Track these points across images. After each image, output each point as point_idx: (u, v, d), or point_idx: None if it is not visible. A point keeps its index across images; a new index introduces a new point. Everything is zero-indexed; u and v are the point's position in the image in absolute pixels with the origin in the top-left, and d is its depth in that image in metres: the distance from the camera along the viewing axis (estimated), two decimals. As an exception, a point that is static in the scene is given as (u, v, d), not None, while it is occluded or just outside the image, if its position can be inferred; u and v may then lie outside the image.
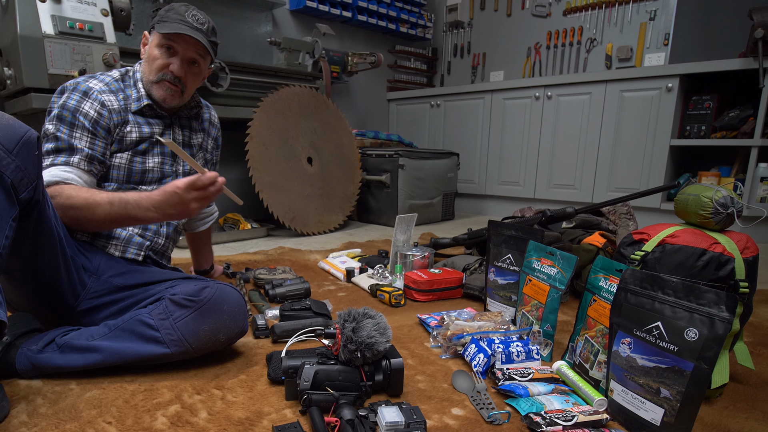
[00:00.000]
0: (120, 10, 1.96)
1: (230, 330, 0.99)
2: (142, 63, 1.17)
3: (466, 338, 1.08)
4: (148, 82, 1.15)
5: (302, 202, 2.56)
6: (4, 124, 0.79)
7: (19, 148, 0.79)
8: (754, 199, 2.53)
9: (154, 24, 1.12)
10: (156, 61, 1.13)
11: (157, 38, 1.13)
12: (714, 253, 0.91)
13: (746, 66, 2.46)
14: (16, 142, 0.79)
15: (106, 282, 1.04)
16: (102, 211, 1.00)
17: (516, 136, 3.37)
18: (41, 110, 1.86)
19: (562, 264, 1.09)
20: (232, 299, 1.00)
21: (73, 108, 1.08)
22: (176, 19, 1.11)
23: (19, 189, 0.80)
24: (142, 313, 0.95)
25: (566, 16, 3.51)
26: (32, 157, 0.82)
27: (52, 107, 1.09)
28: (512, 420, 0.83)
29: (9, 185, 0.78)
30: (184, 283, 1.00)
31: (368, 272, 1.71)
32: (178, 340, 0.93)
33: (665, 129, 2.72)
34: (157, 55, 1.12)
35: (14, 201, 0.79)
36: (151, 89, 1.15)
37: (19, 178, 0.79)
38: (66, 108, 1.08)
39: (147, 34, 1.16)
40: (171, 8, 1.13)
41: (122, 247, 1.12)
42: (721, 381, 0.89)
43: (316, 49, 2.95)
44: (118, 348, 0.93)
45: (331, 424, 0.76)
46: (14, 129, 0.80)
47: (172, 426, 0.79)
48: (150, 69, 1.14)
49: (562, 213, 1.64)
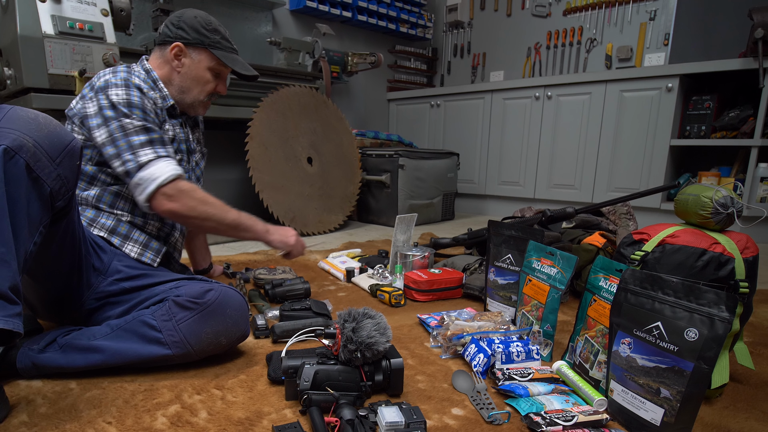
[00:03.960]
0: (120, 10, 1.96)
1: (232, 334, 0.99)
2: (179, 75, 1.19)
3: (466, 338, 1.08)
4: (194, 101, 1.22)
5: (302, 202, 2.56)
6: (51, 131, 0.78)
7: (63, 157, 0.79)
8: (754, 199, 2.53)
9: (203, 43, 1.17)
10: (208, 85, 1.21)
11: (211, 62, 1.19)
12: (714, 253, 0.91)
13: (746, 66, 2.46)
14: (61, 150, 0.79)
15: (112, 283, 1.03)
16: (232, 216, 1.14)
17: (516, 136, 3.37)
18: (41, 110, 1.86)
19: (562, 264, 1.09)
20: (235, 303, 1.00)
21: (140, 104, 1.08)
22: (228, 47, 1.21)
23: (56, 198, 0.80)
24: (145, 314, 0.95)
25: (566, 16, 3.51)
26: (74, 166, 0.82)
27: (101, 101, 1.05)
28: (512, 420, 0.83)
29: (48, 194, 0.78)
30: (188, 285, 1.00)
31: (368, 272, 1.71)
32: (180, 342, 0.93)
33: (665, 129, 2.72)
34: (209, 79, 1.21)
35: (49, 209, 0.80)
36: (196, 105, 1.23)
37: (59, 187, 0.80)
38: (134, 105, 1.07)
39: (184, 48, 1.17)
40: (210, 26, 1.18)
41: (139, 249, 1.12)
42: (721, 381, 0.89)
43: (316, 49, 2.95)
44: (119, 348, 0.93)
45: (331, 424, 0.76)
46: (60, 137, 0.80)
47: (172, 426, 0.79)
48: (200, 90, 1.21)
49: (562, 213, 1.64)
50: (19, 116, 0.77)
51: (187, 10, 1.20)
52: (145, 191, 1.05)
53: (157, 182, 1.05)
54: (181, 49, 1.17)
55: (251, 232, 1.21)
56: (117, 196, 1.12)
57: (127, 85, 1.08)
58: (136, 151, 1.05)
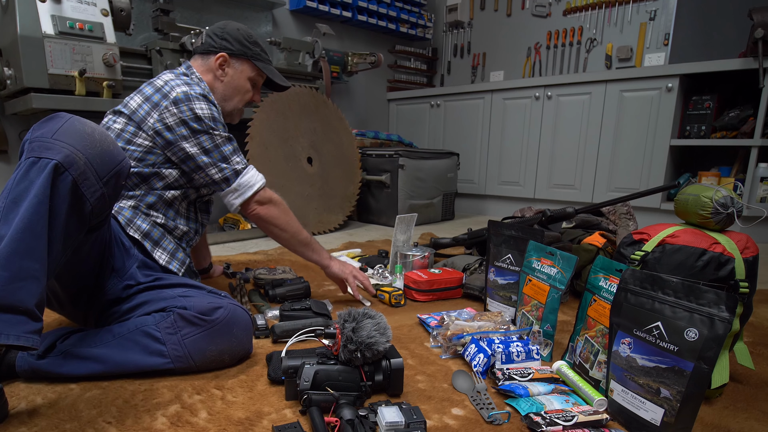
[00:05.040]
0: (120, 10, 1.96)
1: (236, 353, 0.99)
2: (222, 84, 1.24)
3: (466, 338, 1.08)
4: (234, 109, 1.28)
5: (302, 202, 2.56)
6: (105, 150, 0.78)
7: (110, 177, 0.80)
8: (754, 199, 2.53)
9: (246, 54, 1.23)
10: (247, 94, 1.29)
11: (252, 72, 1.26)
12: (714, 253, 0.91)
13: (746, 66, 2.46)
14: (110, 170, 0.79)
15: (126, 287, 1.01)
16: (306, 234, 1.30)
17: (516, 136, 3.37)
18: (41, 110, 1.86)
19: (562, 264, 1.09)
20: (242, 322, 0.99)
21: (219, 118, 1.17)
22: (266, 59, 1.29)
23: (95, 216, 0.81)
24: (149, 324, 0.93)
25: (566, 16, 3.51)
26: (119, 186, 0.82)
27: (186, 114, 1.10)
28: (512, 420, 0.83)
29: (88, 212, 0.78)
30: (196, 297, 0.97)
31: (368, 272, 1.71)
32: (184, 357, 0.92)
33: (665, 129, 2.72)
34: (249, 89, 1.28)
35: (86, 225, 0.80)
36: (234, 114, 1.30)
37: (100, 206, 0.80)
38: (216, 119, 1.15)
39: (228, 58, 1.23)
40: (251, 38, 1.25)
41: (167, 258, 1.13)
42: (721, 381, 0.89)
43: (316, 49, 2.95)
44: (120, 359, 0.91)
45: (331, 424, 0.76)
46: (112, 156, 0.80)
47: (172, 426, 0.79)
48: (240, 98, 1.28)
49: (562, 213, 1.64)
50: (76, 130, 0.76)
51: (229, 22, 1.27)
52: (242, 196, 1.18)
53: (254, 189, 1.19)
54: (225, 59, 1.22)
55: (317, 255, 1.33)
56: (159, 200, 1.14)
57: (207, 99, 1.14)
58: (230, 159, 1.16)
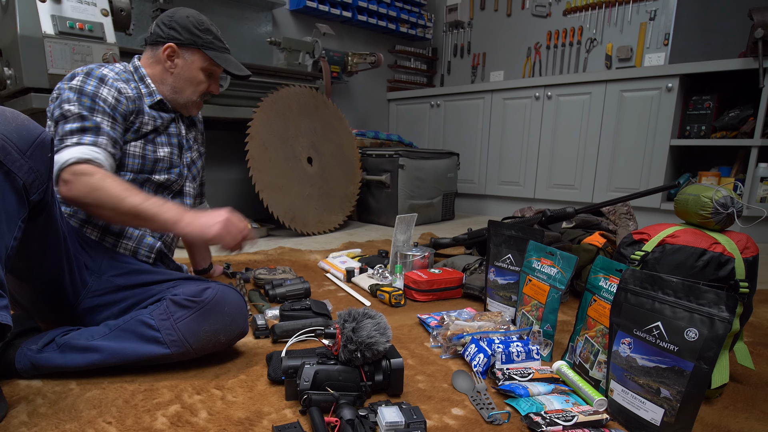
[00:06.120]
0: (120, 10, 1.96)
1: (231, 331, 0.99)
2: (172, 75, 1.18)
3: (466, 338, 1.08)
4: (188, 101, 1.21)
5: (302, 202, 2.56)
6: (19, 125, 0.78)
7: (33, 150, 0.79)
8: (754, 199, 2.53)
9: (195, 43, 1.16)
10: (201, 85, 1.21)
11: (203, 62, 1.19)
12: (714, 253, 0.91)
13: (746, 66, 2.46)
14: (31, 143, 0.78)
15: (107, 281, 1.04)
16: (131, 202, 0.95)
17: (516, 136, 3.37)
18: (41, 110, 1.86)
19: (562, 264, 1.09)
20: (233, 300, 1.00)
21: (91, 93, 1.05)
22: (220, 47, 1.21)
23: (30, 191, 0.79)
24: (143, 314, 0.95)
25: (566, 16, 3.51)
26: (45, 158, 0.81)
27: (61, 91, 1.05)
28: (512, 420, 0.83)
29: (21, 187, 0.77)
30: (185, 284, 1.00)
31: (368, 272, 1.71)
32: (179, 341, 0.93)
33: (665, 129, 2.72)
34: (202, 80, 1.21)
35: (25, 202, 0.79)
36: (189, 106, 1.23)
37: (32, 179, 0.79)
38: (84, 93, 1.05)
39: (177, 48, 1.16)
40: (203, 26, 1.18)
41: (133, 246, 1.12)
42: (721, 381, 0.89)
43: (316, 49, 2.95)
44: (118, 348, 0.93)
45: (331, 424, 0.76)
46: (29, 130, 0.79)
47: (172, 426, 0.79)
48: (192, 90, 1.21)
49: (562, 213, 1.64)
50: None
51: (178, 9, 1.19)
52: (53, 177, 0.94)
53: (57, 166, 0.96)
54: (173, 50, 1.16)
55: (156, 222, 0.98)
56: None
57: (88, 74, 1.07)
58: (63, 138, 1.01)
